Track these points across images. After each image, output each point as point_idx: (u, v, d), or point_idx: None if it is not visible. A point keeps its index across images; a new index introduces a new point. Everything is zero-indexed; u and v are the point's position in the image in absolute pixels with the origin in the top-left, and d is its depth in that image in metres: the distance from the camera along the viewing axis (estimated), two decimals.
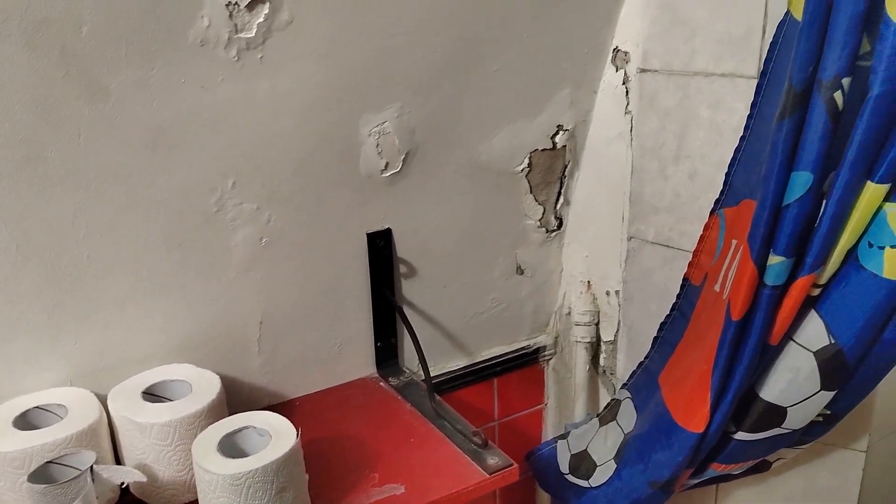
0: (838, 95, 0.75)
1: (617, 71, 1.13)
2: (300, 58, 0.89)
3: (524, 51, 1.06)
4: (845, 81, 0.74)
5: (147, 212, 0.89)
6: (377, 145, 1.01)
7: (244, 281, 0.99)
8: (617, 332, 1.25)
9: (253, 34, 0.85)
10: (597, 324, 1.28)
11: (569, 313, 1.30)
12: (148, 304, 0.93)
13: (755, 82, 0.94)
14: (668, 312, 1.07)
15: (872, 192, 0.77)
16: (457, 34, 0.99)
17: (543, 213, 1.23)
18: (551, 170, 1.20)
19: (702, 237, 1.02)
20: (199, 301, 0.96)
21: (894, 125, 0.74)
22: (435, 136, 1.06)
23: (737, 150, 0.96)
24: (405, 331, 1.11)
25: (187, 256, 0.94)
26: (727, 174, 0.97)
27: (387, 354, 1.16)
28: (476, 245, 1.18)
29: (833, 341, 0.85)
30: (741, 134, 0.95)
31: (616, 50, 1.12)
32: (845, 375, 0.86)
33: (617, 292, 1.23)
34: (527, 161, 1.17)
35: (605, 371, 1.29)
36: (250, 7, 0.83)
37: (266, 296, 1.01)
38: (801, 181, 0.79)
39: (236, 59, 0.85)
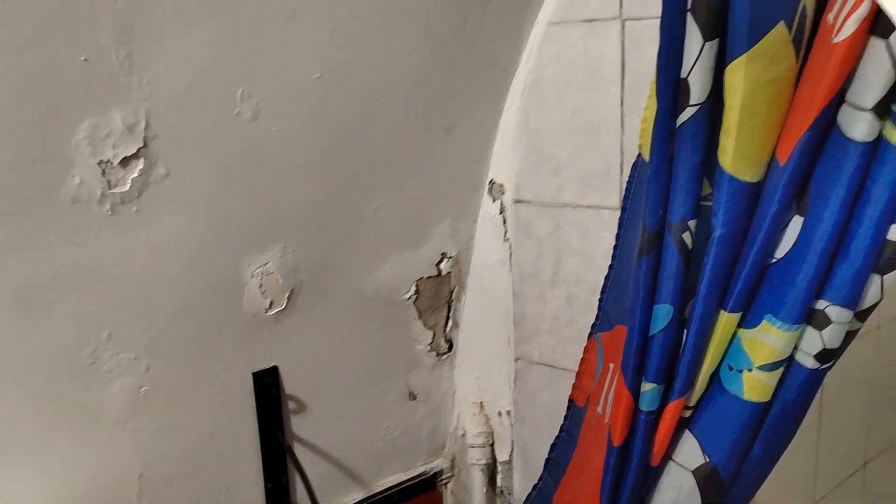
0: (687, 236, 0.82)
1: (494, 202, 1.19)
2: (178, 207, 0.89)
3: (403, 187, 1.10)
4: (692, 223, 0.82)
5: (14, 371, 0.84)
6: (261, 285, 1.01)
7: (121, 434, 0.94)
8: (511, 452, 1.26)
9: (127, 188, 0.84)
10: (491, 445, 1.29)
11: (463, 435, 1.31)
12: (14, 469, 0.87)
13: (618, 213, 1.01)
14: (557, 433, 1.10)
15: (726, 320, 0.83)
16: (336, 177, 1.02)
17: (433, 337, 1.25)
18: (438, 295, 1.23)
19: (582, 360, 1.06)
20: (73, 460, 0.91)
21: (738, 260, 0.81)
22: (320, 272, 1.07)
23: (606, 278, 1.02)
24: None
25: (59, 414, 0.89)
26: (600, 300, 1.03)
27: (278, 495, 1.12)
28: (367, 374, 1.18)
29: (708, 460, 0.89)
30: (609, 262, 1.02)
31: (492, 182, 1.19)
32: (722, 493, 0.90)
33: (508, 412, 1.25)
34: (414, 289, 1.19)
35: (502, 492, 1.30)
36: (124, 164, 0.83)
37: (146, 447, 0.97)
38: (663, 313, 0.85)
39: (110, 213, 0.84)
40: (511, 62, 1.11)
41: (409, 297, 1.19)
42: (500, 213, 1.19)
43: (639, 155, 0.93)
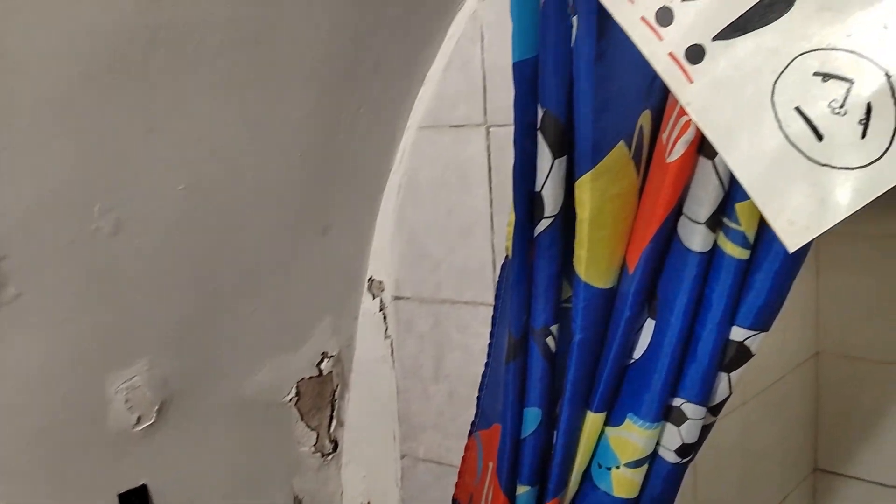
0: (550, 340, 0.84)
1: (374, 299, 1.19)
2: (31, 327, 0.85)
3: (280, 290, 1.09)
4: (554, 328, 0.84)
5: None
6: (126, 400, 0.96)
7: None
8: None
9: None
10: None
11: None
12: None
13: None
14: None
15: (593, 420, 0.86)
16: (206, 286, 1.00)
17: (317, 438, 1.23)
18: (321, 395, 1.21)
19: (463, 458, 1.06)
20: None
21: (599, 362, 0.84)
22: (193, 382, 1.03)
23: (483, 375, 1.03)
24: None
25: None
26: (478, 398, 1.04)
27: None
28: (248, 483, 1.14)
29: None
30: (486, 360, 1.03)
31: (371, 280, 1.19)
32: None
33: None
34: (294, 390, 1.17)
35: None
36: None
37: None
38: (532, 416, 0.86)
39: None
40: (385, 164, 1.13)
41: (290, 400, 1.17)
42: (381, 309, 1.19)
43: (506, 256, 0.96)
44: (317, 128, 1.02)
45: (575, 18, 0.75)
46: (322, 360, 1.19)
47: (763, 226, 0.74)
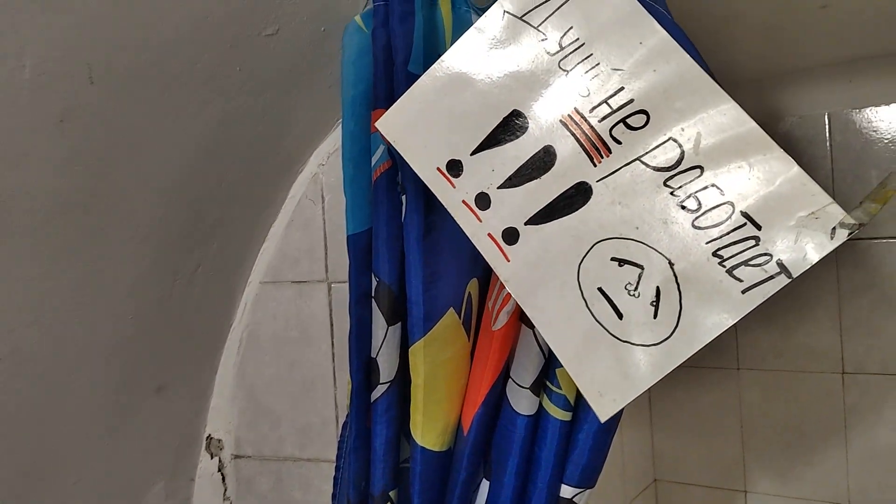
0: None
1: (212, 458, 1.14)
2: None
3: (109, 455, 1.02)
4: (393, 493, 0.84)
5: None
6: None
7: None
8: None
9: None
10: None
11: None
12: None
13: None
14: None
15: None
16: (24, 458, 0.92)
17: None
18: None
19: None
20: None
21: None
22: None
23: None
24: None
25: None
26: None
27: None
28: None
29: None
30: None
31: (209, 438, 1.14)
32: None
33: None
34: None
35: None
36: None
37: None
38: None
39: None
40: (225, 319, 1.12)
41: None
42: (219, 469, 1.14)
43: (347, 415, 0.96)
44: (151, 288, 0.99)
45: (404, 197, 0.80)
46: None
47: None
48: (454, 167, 0.76)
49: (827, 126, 1.49)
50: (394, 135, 0.78)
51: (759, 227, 0.64)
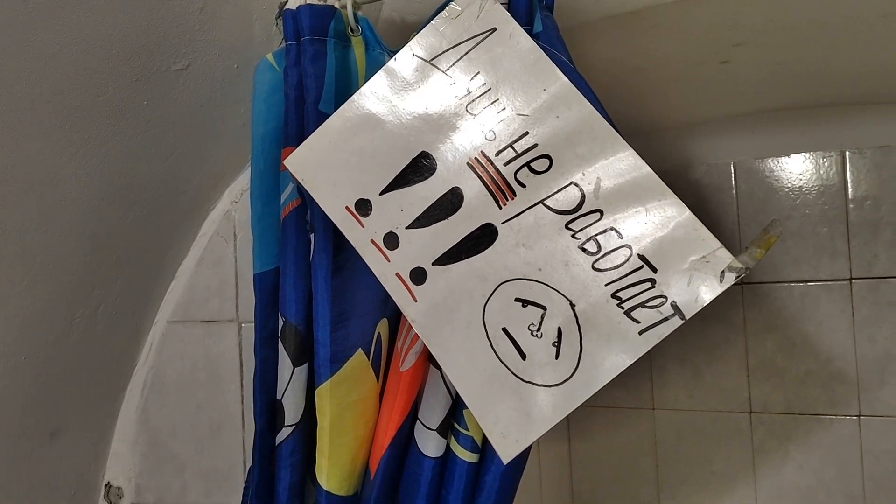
0: None
1: None
2: None
3: None
4: None
5: None
6: None
7: None
8: None
9: None
10: None
11: None
12: None
13: None
14: None
15: None
16: None
17: None
18: None
19: None
20: None
21: None
22: None
23: None
24: None
25: None
26: None
27: None
28: None
29: None
30: None
31: (108, 486, 1.09)
32: None
33: None
34: None
35: None
36: None
37: None
38: None
39: None
40: (129, 360, 1.07)
41: None
42: None
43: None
44: (46, 328, 0.95)
45: (312, 235, 0.80)
46: None
47: None
48: (363, 206, 0.76)
49: (733, 174, 1.56)
50: (302, 173, 0.77)
51: (655, 270, 0.66)
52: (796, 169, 1.52)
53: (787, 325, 1.51)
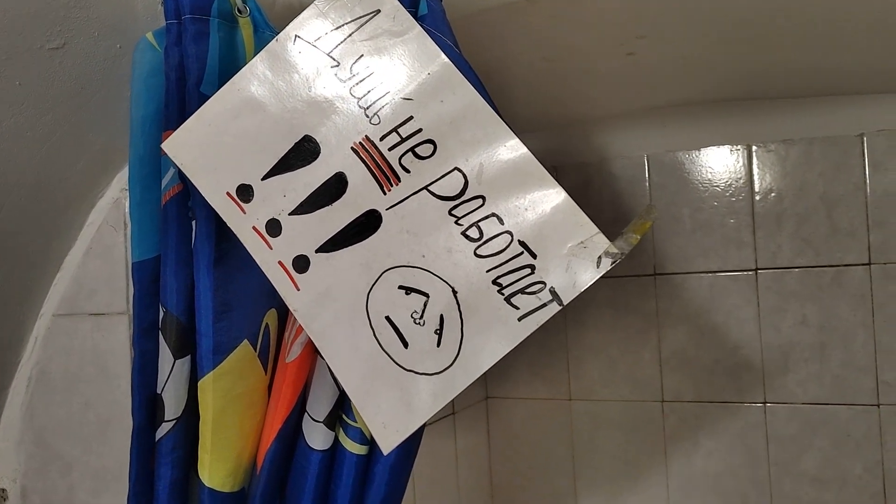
0: None
1: None
2: None
3: None
4: None
5: None
6: None
7: None
8: None
9: None
10: None
11: None
12: None
13: None
14: None
15: None
16: None
17: None
18: None
19: None
20: None
21: None
22: None
23: None
24: None
25: None
26: None
27: None
28: None
29: None
30: None
31: None
32: None
33: None
34: None
35: None
36: None
37: None
38: None
39: None
40: (12, 356, 1.02)
41: None
42: None
43: None
44: None
45: (194, 222, 0.76)
46: None
47: None
48: (245, 192, 0.73)
49: (646, 167, 1.58)
50: (181, 157, 0.74)
51: (534, 256, 0.65)
52: (706, 162, 1.55)
53: (697, 316, 1.54)
